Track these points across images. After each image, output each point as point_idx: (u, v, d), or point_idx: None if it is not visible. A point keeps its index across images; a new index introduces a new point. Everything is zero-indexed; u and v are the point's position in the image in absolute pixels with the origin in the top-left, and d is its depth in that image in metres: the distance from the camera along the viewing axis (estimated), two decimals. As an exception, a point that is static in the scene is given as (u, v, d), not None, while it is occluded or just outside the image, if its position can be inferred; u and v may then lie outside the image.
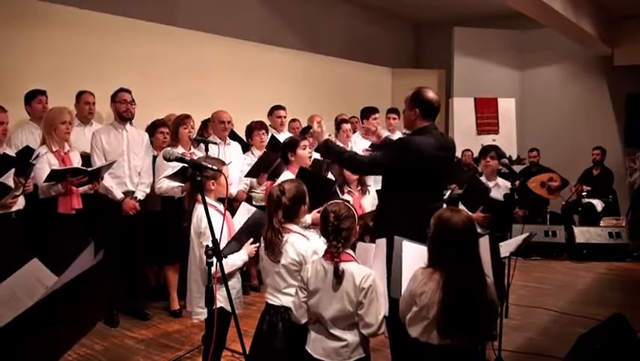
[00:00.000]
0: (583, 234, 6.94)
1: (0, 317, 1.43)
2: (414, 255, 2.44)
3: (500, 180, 4.67)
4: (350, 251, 2.32)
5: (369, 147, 5.63)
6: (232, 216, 3.00)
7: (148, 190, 4.50)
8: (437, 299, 2.14)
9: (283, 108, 5.89)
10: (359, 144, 5.74)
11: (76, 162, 4.16)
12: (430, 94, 3.05)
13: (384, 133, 3.67)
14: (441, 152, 3.03)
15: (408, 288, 2.27)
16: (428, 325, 2.17)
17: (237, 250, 2.81)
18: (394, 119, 6.42)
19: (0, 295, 1.54)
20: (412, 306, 2.24)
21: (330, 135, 3.36)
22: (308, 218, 3.07)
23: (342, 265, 2.25)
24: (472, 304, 2.13)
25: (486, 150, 4.75)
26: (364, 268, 2.29)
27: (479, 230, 3.49)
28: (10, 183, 3.57)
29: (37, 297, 1.48)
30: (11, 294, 1.56)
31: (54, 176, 3.83)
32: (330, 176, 4.47)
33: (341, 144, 5.63)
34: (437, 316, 2.14)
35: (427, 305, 2.17)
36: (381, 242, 2.52)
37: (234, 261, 2.77)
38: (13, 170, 3.58)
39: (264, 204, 4.75)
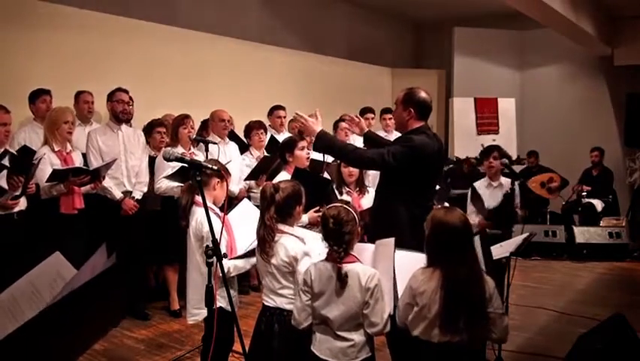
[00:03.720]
0: (583, 234, 6.93)
1: (21, 313, 1.44)
2: (407, 263, 2.45)
3: (504, 180, 4.62)
4: (352, 252, 2.31)
5: (364, 143, 5.62)
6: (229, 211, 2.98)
7: (145, 189, 4.50)
8: (438, 297, 2.15)
9: (283, 108, 5.89)
10: (357, 144, 5.73)
11: (78, 162, 4.16)
12: (424, 94, 3.08)
13: (366, 129, 3.67)
14: (438, 153, 3.12)
15: (408, 288, 2.28)
16: (429, 323, 2.18)
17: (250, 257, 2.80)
18: (390, 119, 6.43)
19: (22, 289, 1.55)
20: (412, 307, 2.24)
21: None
22: (305, 218, 3.06)
23: (347, 267, 2.24)
24: (471, 301, 2.14)
25: (489, 151, 4.69)
26: (369, 268, 2.29)
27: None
28: (4, 184, 3.56)
29: (56, 292, 1.49)
30: (32, 289, 1.56)
31: (56, 176, 3.83)
32: (326, 176, 4.46)
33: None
34: (438, 314, 2.15)
35: (428, 304, 2.18)
36: (388, 241, 2.52)
37: (244, 264, 2.76)
38: (4, 172, 3.55)
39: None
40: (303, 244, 2.50)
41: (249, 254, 2.75)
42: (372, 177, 5.81)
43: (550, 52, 9.25)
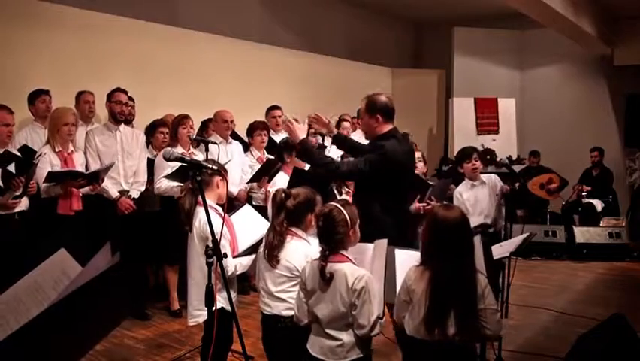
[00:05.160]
0: (583, 234, 6.93)
1: (26, 310, 1.44)
2: (407, 261, 2.46)
3: (485, 177, 4.54)
4: (344, 252, 2.30)
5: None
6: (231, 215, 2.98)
7: (143, 188, 4.51)
8: (426, 296, 2.16)
9: (279, 108, 5.89)
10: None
11: (80, 162, 4.16)
12: (384, 97, 3.15)
13: (334, 131, 3.70)
14: (408, 155, 3.21)
15: (403, 284, 2.29)
16: (420, 322, 2.19)
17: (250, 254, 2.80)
18: None
19: (25, 286, 1.54)
20: (408, 304, 2.25)
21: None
22: None
23: (334, 266, 2.24)
24: (460, 300, 2.13)
25: (469, 153, 4.48)
26: (358, 269, 2.27)
27: None
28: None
29: (61, 288, 1.48)
30: (36, 286, 1.56)
31: (52, 178, 3.84)
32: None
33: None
34: (425, 312, 2.15)
35: (419, 303, 2.19)
36: (381, 243, 2.52)
37: (248, 262, 2.76)
38: None
39: (262, 204, 4.76)
40: (310, 247, 2.49)
41: (251, 251, 2.75)
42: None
43: (550, 52, 9.25)
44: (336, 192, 4.12)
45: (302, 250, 2.50)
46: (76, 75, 5.00)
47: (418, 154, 4.42)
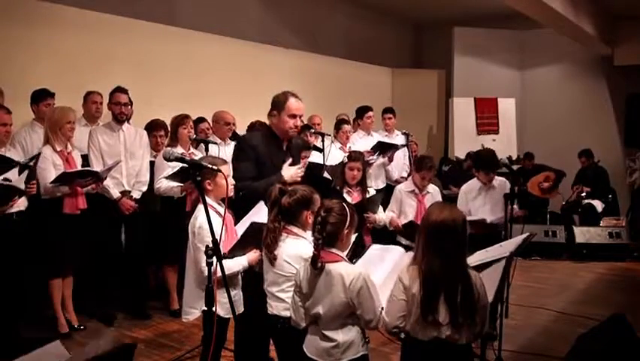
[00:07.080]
0: (583, 234, 6.92)
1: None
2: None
3: (498, 181, 4.52)
4: (337, 251, 2.29)
5: (371, 148, 5.64)
6: (237, 215, 2.98)
7: (144, 188, 4.50)
8: (418, 295, 2.16)
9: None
10: (358, 144, 5.75)
11: (79, 162, 4.16)
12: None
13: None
14: None
15: (398, 283, 2.28)
16: (415, 320, 2.19)
17: (239, 256, 2.79)
18: (390, 118, 6.46)
19: None
20: (405, 303, 2.25)
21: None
22: None
23: (330, 266, 2.24)
24: (450, 297, 2.13)
25: (495, 164, 4.51)
26: (353, 268, 2.27)
27: None
28: (22, 186, 3.55)
29: None
30: None
31: (63, 178, 3.82)
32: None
33: (340, 144, 5.65)
34: (419, 311, 2.16)
35: (415, 301, 2.19)
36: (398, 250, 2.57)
37: (233, 264, 2.75)
38: (25, 173, 3.56)
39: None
40: (306, 246, 2.47)
41: (236, 250, 2.74)
42: (374, 176, 5.83)
43: (550, 52, 9.25)
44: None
45: (299, 248, 2.48)
46: (76, 75, 4.99)
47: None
